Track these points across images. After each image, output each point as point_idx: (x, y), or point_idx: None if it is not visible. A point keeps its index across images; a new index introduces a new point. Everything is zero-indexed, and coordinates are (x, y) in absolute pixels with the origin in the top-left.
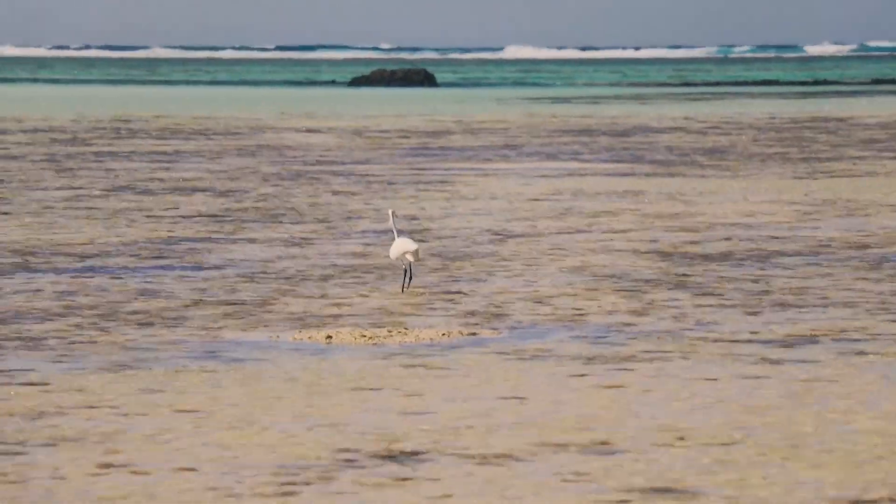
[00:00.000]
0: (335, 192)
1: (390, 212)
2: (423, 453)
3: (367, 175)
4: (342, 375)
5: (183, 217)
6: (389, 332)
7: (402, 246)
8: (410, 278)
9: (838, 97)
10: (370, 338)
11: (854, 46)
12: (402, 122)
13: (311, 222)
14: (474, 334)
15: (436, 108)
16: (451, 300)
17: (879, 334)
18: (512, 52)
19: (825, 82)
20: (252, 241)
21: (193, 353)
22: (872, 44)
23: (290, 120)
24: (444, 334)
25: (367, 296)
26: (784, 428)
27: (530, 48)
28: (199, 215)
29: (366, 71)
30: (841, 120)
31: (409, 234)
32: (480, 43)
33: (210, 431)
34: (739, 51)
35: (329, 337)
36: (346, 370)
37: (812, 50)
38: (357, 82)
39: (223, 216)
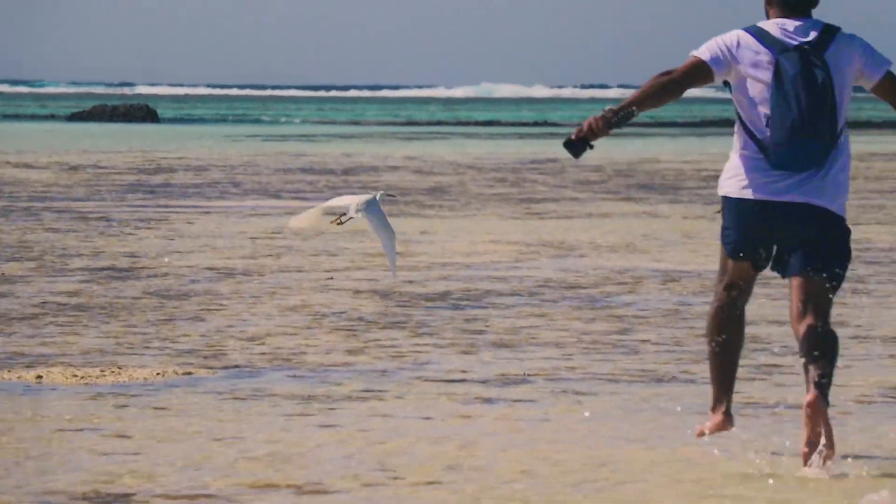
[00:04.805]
0: (50, 229)
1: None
2: (132, 495)
3: (85, 212)
4: (52, 416)
5: None
6: (102, 371)
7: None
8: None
9: (557, 138)
10: (82, 377)
11: (577, 88)
12: (123, 158)
13: (24, 259)
14: (190, 374)
15: (157, 145)
16: (166, 339)
17: (591, 374)
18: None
19: (545, 123)
20: None
21: None
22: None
23: (3, 154)
24: (158, 374)
25: (80, 335)
26: (497, 466)
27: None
28: None
29: (86, 105)
30: (559, 161)
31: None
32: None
33: None
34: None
35: (39, 377)
36: (56, 410)
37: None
38: (77, 117)
39: None
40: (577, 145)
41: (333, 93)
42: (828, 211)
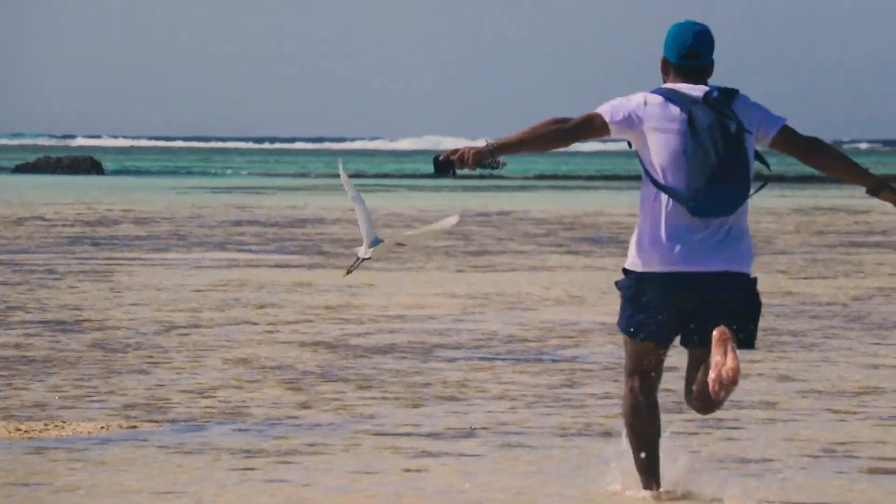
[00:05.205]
0: None
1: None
2: None
3: (29, 264)
4: None
5: None
6: (46, 425)
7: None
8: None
9: (503, 191)
10: (26, 431)
11: None
12: (67, 210)
13: None
14: (134, 427)
15: (102, 197)
16: (111, 392)
17: (536, 427)
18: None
19: (490, 176)
20: None
21: None
22: None
23: None
24: (102, 427)
25: (24, 388)
26: None
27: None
28: None
29: (31, 158)
30: (505, 214)
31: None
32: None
33: None
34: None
35: None
36: None
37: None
38: (22, 169)
39: None
40: (443, 167)
41: (278, 145)
42: (745, 275)
